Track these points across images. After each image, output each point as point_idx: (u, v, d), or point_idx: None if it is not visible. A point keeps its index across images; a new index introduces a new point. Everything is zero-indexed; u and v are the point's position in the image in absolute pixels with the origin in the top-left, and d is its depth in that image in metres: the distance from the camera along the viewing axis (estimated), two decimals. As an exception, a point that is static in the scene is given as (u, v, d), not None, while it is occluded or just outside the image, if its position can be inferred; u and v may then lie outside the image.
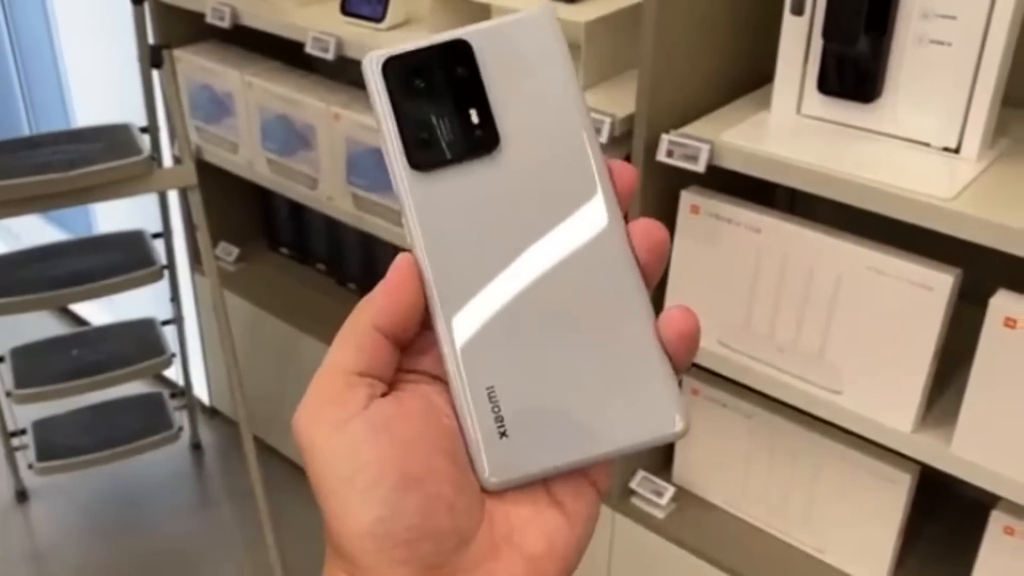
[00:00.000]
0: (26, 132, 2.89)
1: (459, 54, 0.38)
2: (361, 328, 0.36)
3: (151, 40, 1.73)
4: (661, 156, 1.21)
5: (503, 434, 0.36)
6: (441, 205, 0.37)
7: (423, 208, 0.37)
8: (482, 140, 0.37)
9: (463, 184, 0.37)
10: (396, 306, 0.36)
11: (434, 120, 0.37)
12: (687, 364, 0.37)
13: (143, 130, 1.68)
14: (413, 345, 0.38)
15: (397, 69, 0.38)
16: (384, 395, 0.36)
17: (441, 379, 0.37)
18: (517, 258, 0.37)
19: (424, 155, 0.37)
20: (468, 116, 0.37)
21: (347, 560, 0.35)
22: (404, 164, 0.37)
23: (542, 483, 0.37)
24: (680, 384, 0.37)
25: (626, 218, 0.38)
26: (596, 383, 0.36)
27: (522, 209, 0.37)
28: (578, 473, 0.37)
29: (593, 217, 0.37)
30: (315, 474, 0.35)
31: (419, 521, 0.34)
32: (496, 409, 0.36)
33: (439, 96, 0.37)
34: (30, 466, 1.95)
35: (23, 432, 2.01)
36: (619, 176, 0.38)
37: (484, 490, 0.36)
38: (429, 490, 0.34)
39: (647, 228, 0.38)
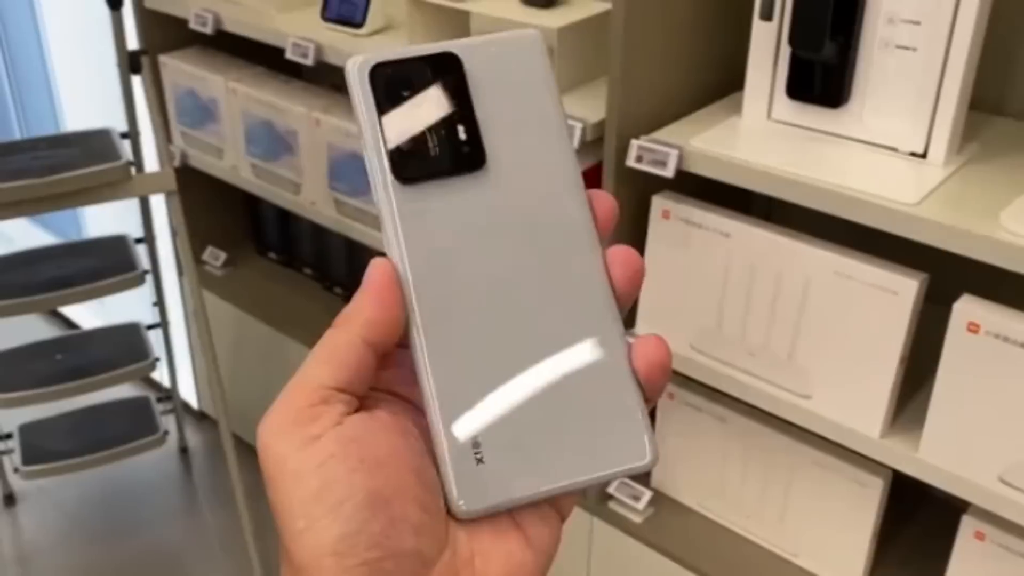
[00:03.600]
0: (17, 136, 2.90)
1: (448, 66, 0.37)
2: (348, 342, 0.36)
3: (134, 45, 1.74)
4: (631, 162, 1.21)
5: (479, 460, 0.35)
6: (424, 219, 0.36)
7: (406, 221, 0.36)
8: (469, 157, 0.37)
9: (447, 200, 0.36)
10: (388, 319, 0.36)
11: (420, 132, 0.37)
12: (658, 394, 0.38)
13: (124, 136, 1.68)
14: (389, 358, 0.37)
15: (383, 76, 0.37)
16: (355, 411, 0.36)
17: (408, 399, 0.37)
18: (496, 281, 0.36)
19: (409, 168, 0.36)
20: (455, 131, 0.37)
21: None
22: (388, 175, 0.36)
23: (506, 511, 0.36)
24: (653, 413, 0.38)
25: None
26: (569, 413, 0.36)
27: (504, 230, 0.37)
28: (543, 502, 0.37)
29: (573, 243, 0.37)
30: (278, 490, 0.34)
31: (383, 540, 0.33)
32: (472, 435, 0.35)
33: (427, 108, 0.37)
34: (16, 470, 1.96)
35: (9, 436, 2.01)
36: (598, 205, 0.38)
37: (453, 516, 0.36)
38: (396, 510, 0.34)
39: (625, 257, 0.38)
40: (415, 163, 0.37)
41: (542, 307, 0.37)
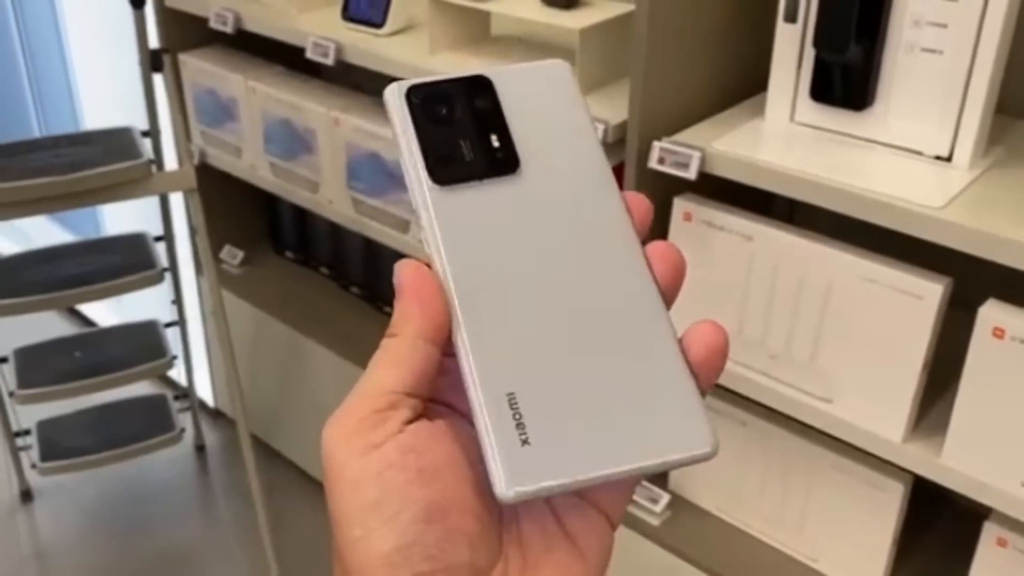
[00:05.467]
0: (36, 135, 2.92)
1: (481, 88, 0.39)
2: (408, 344, 0.36)
3: (155, 44, 1.74)
4: (653, 163, 1.21)
5: (524, 441, 0.34)
6: (462, 219, 0.37)
7: (444, 221, 0.37)
8: (503, 161, 0.38)
9: (484, 201, 0.38)
10: (434, 313, 0.36)
11: (456, 140, 0.38)
12: (713, 380, 0.37)
13: (145, 134, 1.69)
14: (443, 369, 0.37)
15: (420, 96, 0.39)
16: (415, 421, 0.35)
17: (460, 410, 0.37)
18: (537, 273, 0.37)
19: (445, 171, 0.38)
20: (489, 139, 0.38)
21: None
22: (426, 179, 0.38)
23: (554, 518, 0.36)
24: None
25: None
26: (622, 398, 0.35)
27: (542, 229, 0.37)
28: (591, 506, 0.36)
29: (612, 240, 0.38)
30: (337, 497, 0.34)
31: (438, 553, 0.33)
32: (517, 416, 0.34)
33: (462, 121, 0.39)
34: (33, 466, 1.96)
35: (27, 432, 2.02)
36: (634, 206, 0.39)
37: (500, 503, 0.34)
38: (452, 522, 0.34)
39: (664, 251, 0.38)
40: (450, 167, 0.38)
41: (585, 299, 0.36)
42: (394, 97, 0.39)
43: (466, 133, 0.38)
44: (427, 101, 0.39)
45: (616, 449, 0.34)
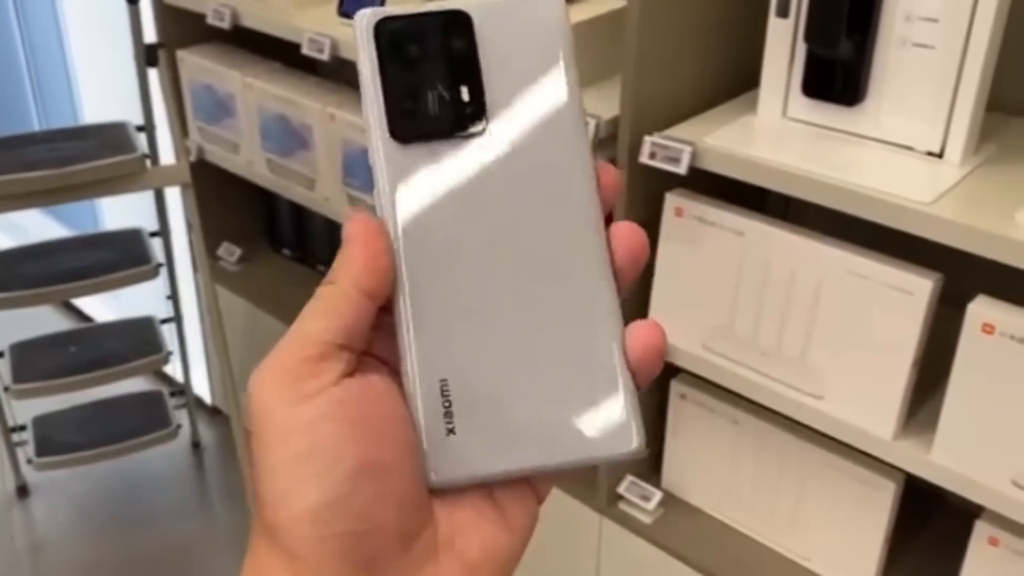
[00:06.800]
0: (36, 128, 2.92)
1: (458, 26, 0.36)
2: (343, 293, 0.34)
3: (152, 39, 1.74)
4: (644, 158, 1.21)
5: (451, 431, 0.34)
6: (417, 179, 0.35)
7: (398, 180, 0.35)
8: (469, 119, 0.36)
9: (443, 162, 0.35)
10: (377, 265, 0.34)
11: (422, 91, 0.36)
12: (649, 379, 0.36)
13: (140, 128, 1.69)
14: (378, 323, 0.36)
15: (390, 32, 0.36)
16: (352, 374, 0.34)
17: (396, 368, 0.36)
18: (489, 247, 0.35)
19: (406, 127, 0.35)
20: (458, 92, 0.35)
21: (278, 544, 0.32)
22: (385, 133, 0.35)
23: (485, 489, 0.35)
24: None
25: (609, 219, 0.37)
26: (554, 390, 0.34)
27: (500, 196, 0.35)
28: (522, 481, 0.36)
29: (573, 214, 0.35)
30: (263, 445, 0.33)
31: (366, 513, 0.32)
32: (447, 404, 0.34)
33: (431, 67, 0.36)
34: (29, 461, 1.97)
35: (23, 428, 2.02)
36: (602, 176, 0.37)
37: (428, 488, 0.34)
38: (383, 482, 0.33)
39: (628, 232, 0.36)
40: (412, 123, 0.36)
41: (534, 279, 0.35)
42: (363, 28, 0.36)
43: (435, 82, 0.36)
44: (398, 38, 0.36)
45: (539, 445, 0.34)
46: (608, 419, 0.34)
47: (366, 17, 0.36)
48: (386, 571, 0.33)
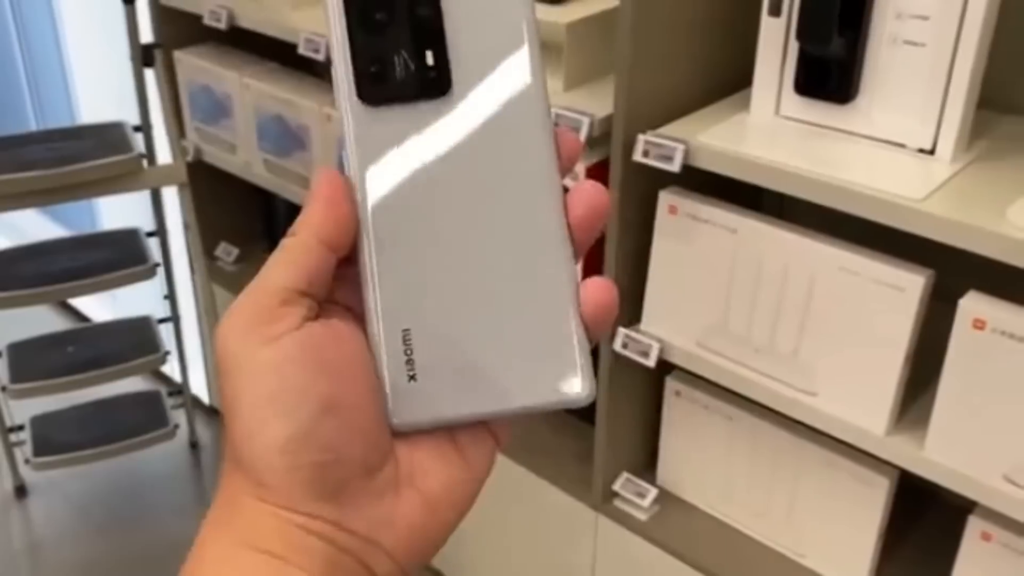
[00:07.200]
0: (33, 129, 2.93)
1: None
2: (303, 243, 0.36)
3: (149, 39, 1.75)
4: (637, 156, 1.21)
5: (412, 378, 0.36)
6: (383, 140, 0.37)
7: (365, 140, 0.37)
8: (434, 83, 0.37)
9: (408, 123, 0.37)
10: (337, 216, 0.36)
11: (388, 55, 0.37)
12: (600, 333, 0.38)
13: (136, 129, 1.69)
14: (343, 274, 0.38)
15: None
16: (315, 319, 0.36)
17: (361, 315, 0.38)
18: (450, 205, 0.37)
19: (373, 89, 0.37)
20: (424, 57, 0.37)
21: (249, 476, 0.35)
22: (352, 95, 0.37)
23: (447, 431, 0.38)
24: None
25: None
26: (509, 341, 0.37)
27: (462, 157, 0.37)
28: (481, 425, 0.38)
29: (531, 176, 0.37)
30: (234, 387, 0.35)
31: (333, 445, 0.34)
32: (408, 352, 0.36)
33: (397, 32, 0.37)
34: (27, 461, 1.97)
35: (21, 428, 2.03)
36: (563, 142, 0.38)
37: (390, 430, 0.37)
38: (348, 417, 0.35)
39: (588, 189, 0.38)
40: (380, 85, 0.37)
41: (491, 235, 0.37)
42: None
43: (401, 46, 0.37)
44: (366, 4, 0.37)
45: (494, 393, 0.37)
46: (560, 369, 0.37)
47: None
48: (349, 498, 0.35)
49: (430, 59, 0.37)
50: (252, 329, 0.35)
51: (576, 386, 0.37)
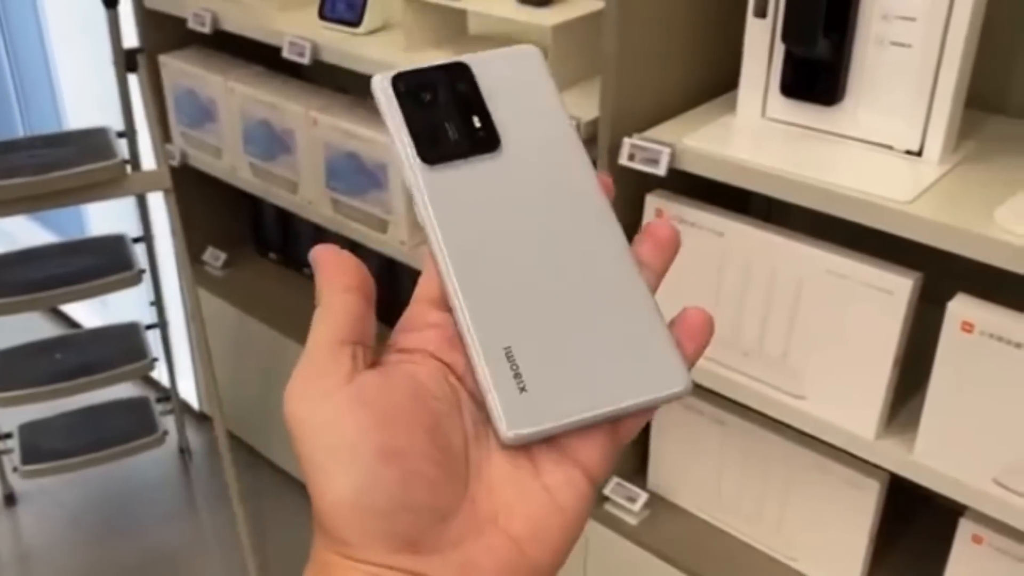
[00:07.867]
0: (21, 135, 2.91)
1: (460, 73, 0.43)
2: (330, 298, 0.39)
3: (134, 43, 1.74)
4: (623, 160, 1.20)
5: (522, 389, 0.38)
6: (451, 194, 0.41)
7: (434, 197, 0.40)
8: (485, 140, 0.42)
9: (470, 177, 0.41)
10: (346, 264, 0.39)
11: (441, 122, 0.42)
12: (698, 354, 0.40)
13: (120, 134, 1.68)
14: (405, 324, 0.40)
15: (404, 83, 0.42)
16: (371, 368, 0.38)
17: (435, 356, 0.39)
18: (522, 241, 0.40)
19: (433, 151, 0.41)
20: (471, 120, 0.42)
21: (331, 537, 0.36)
22: (416, 158, 0.41)
23: (531, 467, 0.38)
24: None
25: None
26: (607, 348, 0.39)
27: (524, 201, 0.41)
28: (569, 460, 0.38)
29: (588, 207, 0.41)
30: (302, 449, 0.36)
31: (398, 493, 0.35)
32: (514, 367, 0.38)
33: (445, 105, 0.42)
34: (15, 469, 1.96)
35: (9, 436, 2.01)
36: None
37: (504, 445, 0.37)
38: (408, 464, 0.35)
39: (656, 224, 0.42)
40: (437, 146, 0.41)
41: (566, 263, 0.40)
42: (381, 86, 0.42)
43: (449, 116, 0.42)
44: (411, 88, 0.42)
45: (603, 392, 0.38)
46: (659, 367, 0.39)
47: (381, 79, 0.43)
48: (427, 546, 0.35)
49: (476, 122, 0.42)
50: (307, 389, 0.37)
51: (678, 380, 0.39)
